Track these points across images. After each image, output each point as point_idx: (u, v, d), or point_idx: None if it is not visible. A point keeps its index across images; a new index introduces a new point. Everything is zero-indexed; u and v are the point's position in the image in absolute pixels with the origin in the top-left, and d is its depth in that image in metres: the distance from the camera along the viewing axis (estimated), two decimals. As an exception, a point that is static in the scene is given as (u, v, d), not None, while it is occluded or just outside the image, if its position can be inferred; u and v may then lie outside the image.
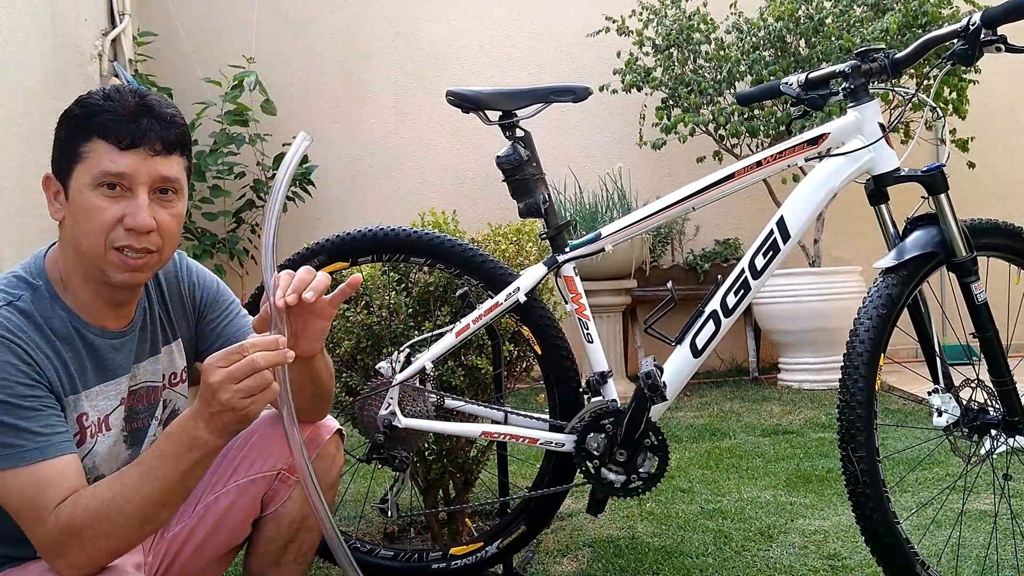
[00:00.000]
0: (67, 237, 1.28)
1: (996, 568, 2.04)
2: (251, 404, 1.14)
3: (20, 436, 1.16)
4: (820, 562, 2.13)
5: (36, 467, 1.16)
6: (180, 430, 1.17)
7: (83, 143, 1.24)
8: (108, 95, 1.26)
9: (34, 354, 1.22)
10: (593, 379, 1.91)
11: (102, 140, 1.23)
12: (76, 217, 1.25)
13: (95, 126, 1.23)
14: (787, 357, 4.62)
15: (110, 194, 1.23)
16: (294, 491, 1.49)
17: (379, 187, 5.54)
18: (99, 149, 1.23)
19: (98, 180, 1.23)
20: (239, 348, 1.15)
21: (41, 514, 1.16)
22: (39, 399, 1.20)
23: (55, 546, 1.16)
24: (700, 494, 2.77)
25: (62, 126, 1.27)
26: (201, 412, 1.16)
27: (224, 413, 1.14)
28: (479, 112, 1.93)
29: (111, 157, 1.22)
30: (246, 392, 1.14)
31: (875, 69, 1.82)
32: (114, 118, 1.23)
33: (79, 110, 1.25)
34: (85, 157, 1.23)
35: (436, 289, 2.09)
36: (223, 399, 1.13)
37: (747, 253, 1.87)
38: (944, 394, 1.78)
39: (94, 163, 1.23)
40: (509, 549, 2.01)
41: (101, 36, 4.68)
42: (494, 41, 5.55)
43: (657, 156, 5.08)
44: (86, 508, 1.15)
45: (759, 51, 4.52)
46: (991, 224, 1.84)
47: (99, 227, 1.24)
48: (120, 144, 1.23)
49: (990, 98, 5.17)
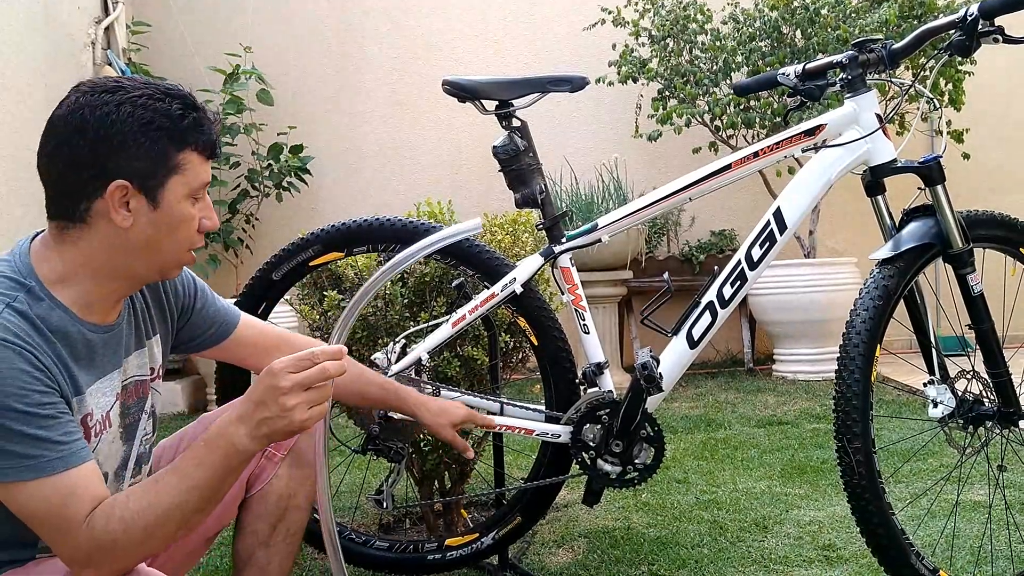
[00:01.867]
0: (133, 244, 1.25)
1: (991, 558, 2.04)
2: (309, 415, 1.15)
3: (41, 446, 1.13)
4: (815, 552, 2.14)
5: (59, 477, 1.13)
6: (219, 436, 1.16)
7: (177, 154, 1.24)
8: (190, 103, 1.26)
9: (43, 359, 1.18)
10: (589, 370, 1.90)
11: (196, 152, 1.25)
12: (169, 225, 1.25)
13: (189, 138, 1.24)
14: (782, 348, 4.62)
15: (195, 202, 1.28)
16: (280, 468, 1.49)
17: (375, 177, 5.52)
18: (194, 160, 1.25)
19: (196, 192, 1.27)
20: (309, 356, 1.15)
21: (69, 525, 1.13)
22: (55, 406, 1.17)
23: (86, 556, 1.14)
24: (695, 485, 2.77)
25: (146, 133, 1.22)
26: (249, 417, 1.15)
27: (279, 419, 1.14)
28: (475, 101, 1.91)
29: (204, 168, 1.27)
30: (311, 402, 1.15)
31: (872, 60, 1.81)
32: (204, 129, 1.26)
33: (167, 121, 1.23)
34: (183, 169, 1.24)
35: (432, 280, 2.08)
36: (289, 404, 1.13)
37: (743, 244, 1.87)
38: (939, 385, 1.78)
39: (192, 175, 1.25)
40: (505, 540, 2.01)
41: (94, 24, 4.65)
42: (490, 31, 5.54)
43: (653, 147, 5.07)
44: (122, 518, 1.13)
45: (755, 42, 4.51)
46: (987, 215, 1.84)
47: (193, 234, 1.28)
48: (209, 155, 1.28)
49: (986, 90, 5.17)
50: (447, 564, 2.01)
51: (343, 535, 2.01)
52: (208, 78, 5.02)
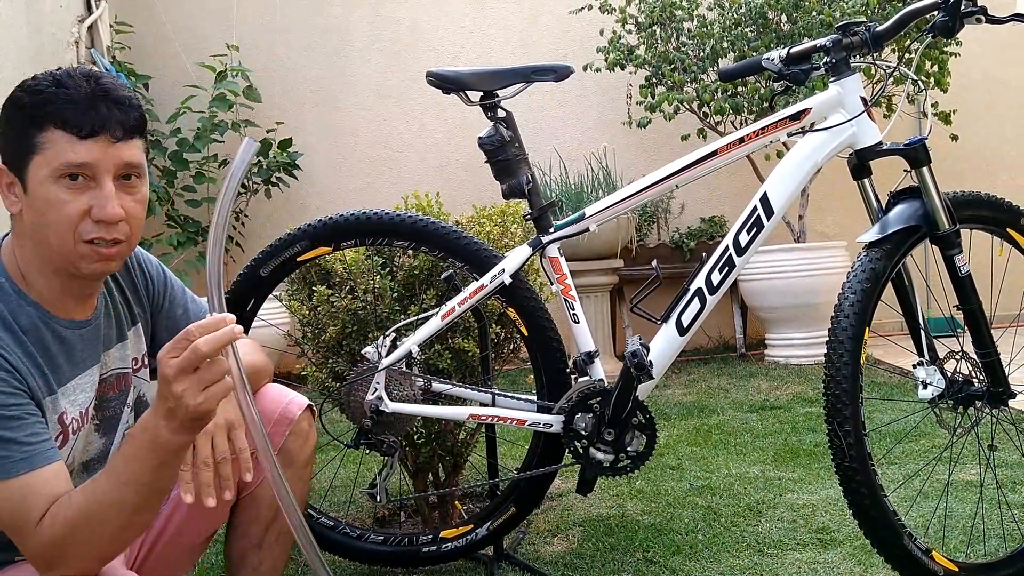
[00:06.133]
0: (27, 231, 1.22)
1: (983, 537, 2.06)
2: (204, 400, 1.06)
3: (5, 447, 1.12)
4: (809, 536, 2.15)
5: (22, 478, 1.12)
6: (142, 431, 1.11)
7: (38, 133, 1.17)
8: (59, 80, 1.19)
9: (11, 359, 1.16)
10: (580, 359, 1.90)
11: (59, 130, 1.17)
12: (39, 211, 1.19)
13: (49, 114, 1.17)
14: (773, 333, 4.64)
15: (73, 185, 1.18)
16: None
17: (362, 171, 5.50)
18: (57, 139, 1.17)
19: (60, 172, 1.17)
20: (184, 335, 1.05)
21: (29, 527, 1.12)
22: (21, 407, 1.15)
23: (43, 558, 1.13)
24: (689, 471, 2.78)
25: (9, 114, 1.20)
26: (160, 409, 1.08)
27: (178, 408, 1.06)
28: (460, 93, 1.91)
29: (72, 147, 1.17)
30: (199, 384, 1.05)
31: (856, 43, 1.81)
32: (70, 105, 1.17)
33: (28, 97, 1.18)
34: (42, 148, 1.17)
35: (421, 272, 2.08)
36: (177, 392, 1.05)
37: (731, 230, 1.87)
38: (929, 367, 1.78)
39: (53, 154, 1.17)
40: (499, 531, 2.01)
41: (77, 23, 4.61)
42: (476, 21, 5.51)
43: (642, 135, 5.07)
44: (64, 518, 1.11)
45: (741, 27, 4.50)
46: (974, 196, 1.84)
47: (66, 221, 1.18)
48: (80, 133, 1.17)
49: (972, 71, 5.18)
50: (442, 556, 2.01)
51: (337, 529, 2.01)
52: (195, 75, 4.99)
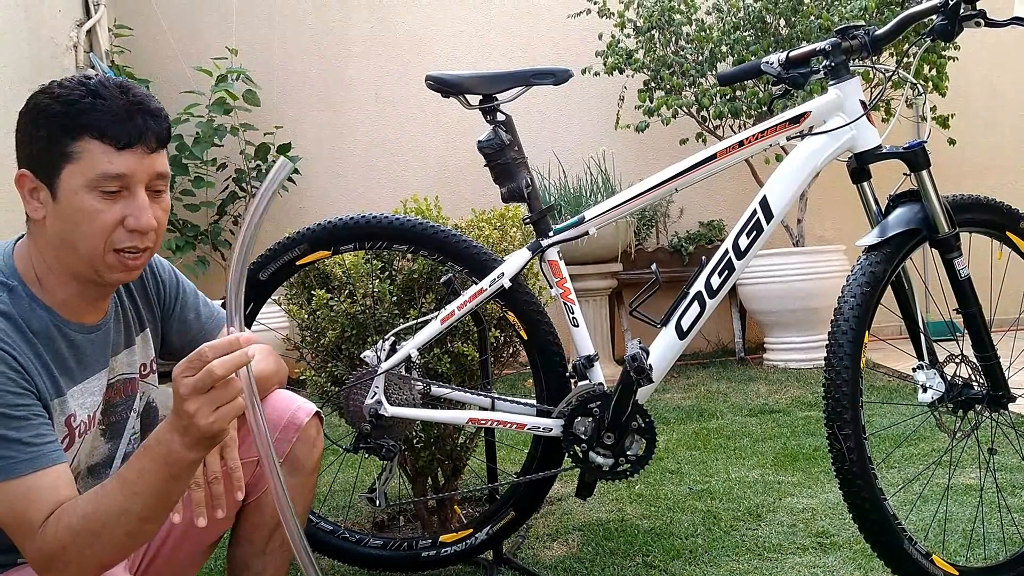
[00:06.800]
0: (50, 237, 1.22)
1: (983, 541, 2.05)
2: (216, 420, 1.06)
3: (10, 447, 1.12)
4: (808, 540, 2.14)
5: (26, 479, 1.12)
6: (156, 443, 1.11)
7: (72, 142, 1.18)
8: (94, 91, 1.19)
9: (22, 360, 1.17)
10: (579, 363, 1.90)
11: (96, 140, 1.17)
12: (70, 219, 1.20)
13: (85, 125, 1.17)
14: (773, 337, 4.64)
15: (108, 196, 1.19)
16: None
17: (361, 175, 5.51)
18: (93, 149, 1.18)
19: (96, 183, 1.18)
20: (198, 355, 1.07)
21: (31, 529, 1.12)
22: (28, 408, 1.15)
23: (43, 562, 1.13)
24: (688, 475, 2.77)
25: (36, 120, 1.20)
26: (175, 424, 1.09)
27: (191, 427, 1.07)
28: (459, 96, 1.91)
29: (108, 158, 1.18)
30: (212, 404, 1.06)
31: (855, 46, 1.81)
32: (108, 116, 1.18)
33: (60, 106, 1.18)
34: (76, 158, 1.18)
35: (420, 276, 2.08)
36: (190, 411, 1.06)
37: (730, 234, 1.87)
38: (929, 370, 1.78)
39: (89, 165, 1.18)
40: (499, 535, 2.01)
41: (76, 27, 4.62)
42: (475, 25, 5.52)
43: (641, 139, 5.07)
44: (69, 525, 1.11)
45: (739, 31, 4.51)
46: (973, 200, 1.84)
47: (100, 230, 1.20)
48: (118, 144, 1.18)
49: (970, 75, 5.18)
50: (442, 560, 2.00)
51: (336, 534, 2.00)
52: (194, 79, 4.99)
